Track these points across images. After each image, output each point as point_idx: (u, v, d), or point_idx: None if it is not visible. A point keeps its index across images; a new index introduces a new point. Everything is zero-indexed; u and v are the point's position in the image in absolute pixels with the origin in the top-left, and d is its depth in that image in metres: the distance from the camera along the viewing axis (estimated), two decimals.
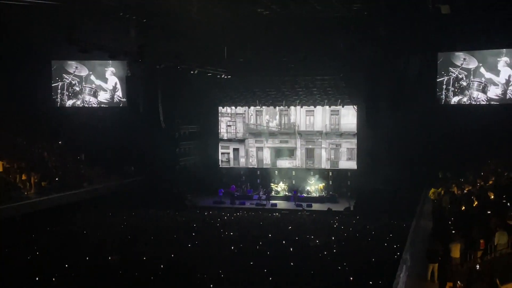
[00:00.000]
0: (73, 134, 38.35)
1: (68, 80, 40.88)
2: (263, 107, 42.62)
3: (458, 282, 14.05)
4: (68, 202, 31.53)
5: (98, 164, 37.46)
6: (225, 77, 36.71)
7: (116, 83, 40.81)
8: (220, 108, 43.44)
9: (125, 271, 20.33)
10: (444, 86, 36.04)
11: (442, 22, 33.09)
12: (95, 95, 41.07)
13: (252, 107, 42.91)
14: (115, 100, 41.00)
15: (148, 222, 31.21)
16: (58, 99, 41.09)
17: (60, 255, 22.52)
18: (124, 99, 40.89)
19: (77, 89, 41.01)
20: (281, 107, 42.29)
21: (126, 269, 20.64)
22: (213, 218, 33.35)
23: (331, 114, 41.63)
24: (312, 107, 41.71)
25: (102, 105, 41.10)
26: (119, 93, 40.87)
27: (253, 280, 19.50)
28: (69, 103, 41.22)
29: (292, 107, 42.05)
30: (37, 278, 19.25)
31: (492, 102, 35.04)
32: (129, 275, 19.85)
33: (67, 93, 41.08)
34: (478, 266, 14.66)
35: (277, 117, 42.74)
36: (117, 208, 34.18)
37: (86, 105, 41.13)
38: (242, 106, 43.02)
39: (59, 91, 41.02)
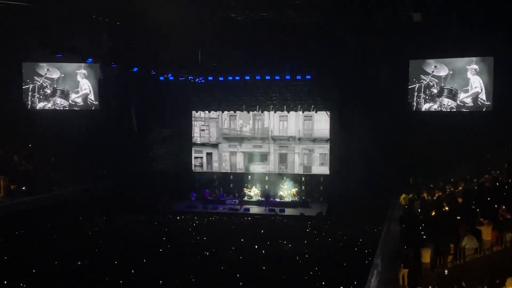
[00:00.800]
0: (43, 137, 37.73)
1: (39, 82, 40.29)
2: (237, 111, 42.62)
3: (429, 287, 14.23)
4: (38, 206, 31.04)
5: (69, 167, 36.99)
6: (199, 81, 36.63)
7: (88, 86, 40.36)
8: (193, 112, 43.28)
9: (95, 276, 20.10)
10: (416, 93, 36.57)
11: (414, 30, 33.61)
12: (66, 98, 40.57)
13: (225, 112, 42.87)
14: (87, 103, 40.55)
15: (120, 226, 30.88)
16: (29, 102, 40.45)
17: (29, 260, 22.16)
18: (96, 102, 40.47)
19: (49, 91, 40.43)
20: (255, 112, 42.35)
21: (96, 274, 20.40)
22: (186, 222, 33.19)
23: (304, 120, 41.83)
24: (285, 113, 41.83)
25: (74, 108, 40.58)
26: (91, 96, 40.43)
27: (225, 285, 19.46)
28: (40, 105, 40.61)
29: (265, 112, 42.13)
30: (5, 282, 18.92)
31: (462, 109, 35.64)
32: (100, 280, 19.62)
33: (38, 95, 40.47)
34: (446, 271, 14.88)
35: (251, 122, 42.78)
36: (88, 213, 33.74)
37: (57, 108, 40.57)
38: (215, 110, 42.94)
39: (30, 93, 40.37)
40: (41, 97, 40.51)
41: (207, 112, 43.18)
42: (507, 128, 31.93)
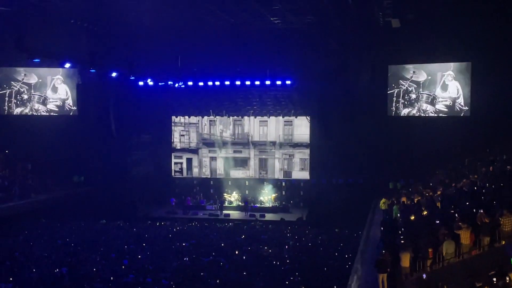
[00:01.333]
0: (20, 143, 37.20)
1: (16, 87, 39.75)
2: (217, 116, 42.53)
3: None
4: (15, 213, 30.64)
5: (47, 174, 36.53)
6: (179, 86, 36.48)
7: (66, 91, 39.92)
8: (173, 117, 43.10)
9: (73, 283, 19.82)
10: (394, 98, 36.82)
11: (393, 35, 33.92)
12: (44, 103, 40.07)
13: (205, 117, 42.75)
14: (65, 109, 40.09)
15: (98, 233, 30.53)
16: (6, 107, 39.85)
17: (5, 267, 21.78)
18: (75, 108, 40.03)
19: (26, 97, 39.90)
20: (235, 117, 42.29)
21: (74, 281, 20.13)
22: (166, 228, 32.95)
23: (285, 125, 41.90)
24: (265, 118, 41.88)
25: (52, 114, 40.09)
26: (69, 101, 39.99)
27: None
28: (17, 111, 40.05)
29: (245, 117, 42.11)
30: None
31: (441, 114, 35.97)
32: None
33: (15, 100, 39.92)
34: (424, 275, 14.93)
35: (231, 127, 42.71)
36: (65, 219, 33.34)
37: (34, 113, 40.04)
38: (195, 115, 42.80)
39: (6, 98, 39.80)
40: (18, 102, 39.96)
41: (187, 117, 43.04)
42: (484, 132, 32.30)
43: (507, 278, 12.22)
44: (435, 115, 36.15)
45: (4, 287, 19.49)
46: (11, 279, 20.34)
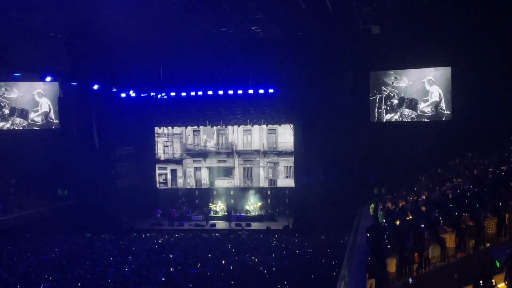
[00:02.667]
0: (3, 157, 36.81)
1: None
2: (200, 126, 42.47)
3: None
4: None
5: (30, 188, 36.17)
6: (161, 97, 36.38)
7: (48, 105, 39.60)
8: (156, 128, 42.96)
9: None
10: (377, 104, 37.05)
11: (373, 42, 34.20)
12: (25, 117, 39.67)
13: (189, 127, 42.68)
14: (47, 122, 39.73)
15: (83, 246, 30.23)
16: None
17: None
18: (57, 121, 39.70)
19: (7, 111, 39.47)
20: (219, 126, 42.27)
21: None
22: (151, 240, 32.73)
23: (268, 133, 41.97)
24: (249, 126, 41.91)
25: (34, 127, 39.72)
26: (51, 114, 39.65)
27: None
28: None
29: (229, 127, 42.12)
30: None
31: (423, 119, 36.25)
32: None
33: None
34: (411, 280, 14.95)
35: (215, 136, 42.67)
36: (50, 234, 32.99)
37: (16, 128, 39.64)
38: (179, 126, 42.72)
39: None
40: None
41: (170, 128, 42.95)
42: (466, 136, 32.60)
43: (493, 281, 12.28)
44: (418, 119, 36.43)
45: None
46: None
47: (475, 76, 33.04)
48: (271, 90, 36.97)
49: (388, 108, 36.97)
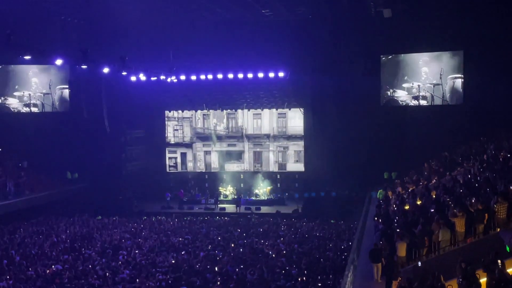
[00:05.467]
0: (13, 140, 37.01)
1: (8, 85, 39.49)
2: (210, 110, 42.44)
3: (404, 279, 14.28)
4: (9, 211, 30.55)
5: (41, 171, 36.41)
6: (171, 80, 36.35)
7: (58, 88, 39.70)
8: (166, 112, 42.98)
9: (69, 280, 19.78)
10: (387, 88, 36.80)
11: (384, 25, 33.93)
12: (36, 100, 39.83)
13: (199, 111, 42.66)
14: (58, 105, 39.87)
15: (94, 229, 30.46)
16: None
17: (1, 266, 21.70)
18: (67, 104, 39.81)
19: (18, 94, 39.63)
20: (229, 110, 42.23)
21: (70, 278, 20.08)
22: (161, 223, 32.92)
23: (278, 117, 41.85)
24: (259, 110, 41.82)
25: (44, 111, 39.87)
26: (62, 98, 39.75)
27: (203, 284, 19.32)
28: (9, 108, 39.82)
29: (239, 110, 42.04)
30: None
31: (434, 103, 35.99)
32: (73, 285, 19.31)
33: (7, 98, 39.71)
34: (419, 263, 14.97)
35: (225, 120, 42.64)
36: (61, 216, 33.29)
37: (27, 111, 39.81)
38: (189, 110, 42.70)
39: None
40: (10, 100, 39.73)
41: (180, 111, 42.94)
42: (478, 121, 32.39)
43: (499, 263, 12.24)
44: (429, 104, 36.18)
45: (2, 285, 19.43)
46: (8, 277, 20.29)
47: (487, 60, 32.72)
48: (281, 74, 36.87)
49: (399, 92, 36.71)
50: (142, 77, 33.94)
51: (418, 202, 21.51)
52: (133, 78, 34.64)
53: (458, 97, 35.47)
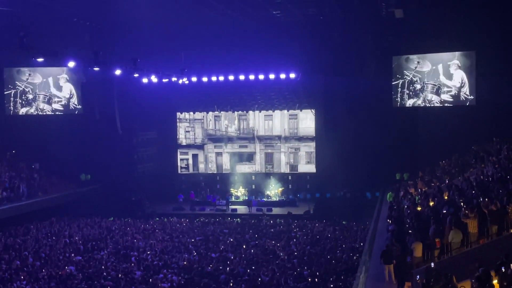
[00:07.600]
0: (27, 142, 37.30)
1: (21, 87, 39.74)
2: (222, 112, 42.51)
3: (417, 281, 14.26)
4: (22, 212, 30.79)
5: (54, 173, 36.65)
6: (183, 82, 36.46)
7: (71, 90, 39.88)
8: (178, 113, 43.12)
9: (82, 281, 19.91)
10: (399, 89, 36.59)
11: (396, 26, 33.78)
12: (49, 102, 40.05)
13: (210, 112, 42.75)
14: (70, 107, 40.07)
15: (106, 230, 30.62)
16: (11, 107, 39.84)
17: (14, 267, 21.87)
18: (80, 106, 39.96)
19: (31, 96, 39.84)
20: (240, 111, 42.29)
21: (83, 279, 20.22)
22: (173, 224, 33.02)
23: (290, 118, 41.84)
24: (270, 112, 41.85)
25: (57, 113, 40.07)
26: (74, 100, 39.95)
27: (215, 285, 19.35)
28: (22, 111, 40.03)
29: (250, 112, 42.08)
30: None
31: (446, 104, 35.75)
32: (86, 286, 19.42)
33: (20, 100, 39.90)
34: (432, 264, 14.90)
35: (236, 122, 42.70)
36: (73, 217, 33.50)
37: (40, 113, 40.03)
38: (200, 111, 42.81)
39: (11, 99, 39.76)
40: (23, 102, 39.92)
41: (191, 113, 43.06)
42: (490, 121, 32.17)
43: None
44: (441, 105, 35.95)
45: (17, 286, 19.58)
46: (22, 277, 20.45)
47: (500, 61, 32.43)
48: (292, 75, 36.83)
49: (411, 93, 36.47)
50: (154, 79, 34.07)
51: (431, 204, 21.42)
52: (144, 80, 34.80)
53: (470, 97, 35.20)
